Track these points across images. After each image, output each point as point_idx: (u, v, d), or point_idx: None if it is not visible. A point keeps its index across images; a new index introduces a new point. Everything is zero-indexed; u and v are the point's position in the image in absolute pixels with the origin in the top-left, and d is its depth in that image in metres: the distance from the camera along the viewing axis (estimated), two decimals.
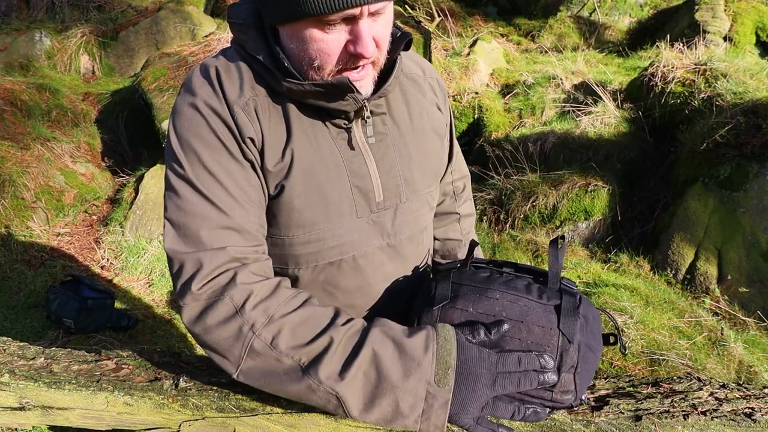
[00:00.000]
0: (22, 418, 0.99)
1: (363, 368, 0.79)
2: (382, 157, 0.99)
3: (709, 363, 2.62)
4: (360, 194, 0.97)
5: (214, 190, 0.87)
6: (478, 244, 1.05)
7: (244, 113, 0.89)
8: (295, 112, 0.93)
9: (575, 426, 0.84)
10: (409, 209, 1.04)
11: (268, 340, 0.81)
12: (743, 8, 6.26)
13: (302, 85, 0.87)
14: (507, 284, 0.90)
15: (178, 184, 0.88)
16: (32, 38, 6.01)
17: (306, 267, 0.99)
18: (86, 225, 4.04)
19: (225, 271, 0.84)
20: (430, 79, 1.13)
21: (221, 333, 0.82)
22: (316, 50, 0.85)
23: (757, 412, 0.84)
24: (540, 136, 4.62)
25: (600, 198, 3.97)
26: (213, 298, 0.83)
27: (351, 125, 0.96)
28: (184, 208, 0.87)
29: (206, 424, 0.92)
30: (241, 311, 0.82)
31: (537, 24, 8.39)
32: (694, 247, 3.51)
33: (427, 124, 1.08)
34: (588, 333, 0.87)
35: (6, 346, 1.10)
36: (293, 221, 0.94)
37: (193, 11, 6.34)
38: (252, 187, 0.90)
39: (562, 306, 0.86)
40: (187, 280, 0.84)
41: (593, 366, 0.88)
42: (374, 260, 1.01)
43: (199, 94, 0.89)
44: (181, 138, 0.89)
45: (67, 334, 2.92)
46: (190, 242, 0.85)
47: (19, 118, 4.51)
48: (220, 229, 0.86)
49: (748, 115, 3.54)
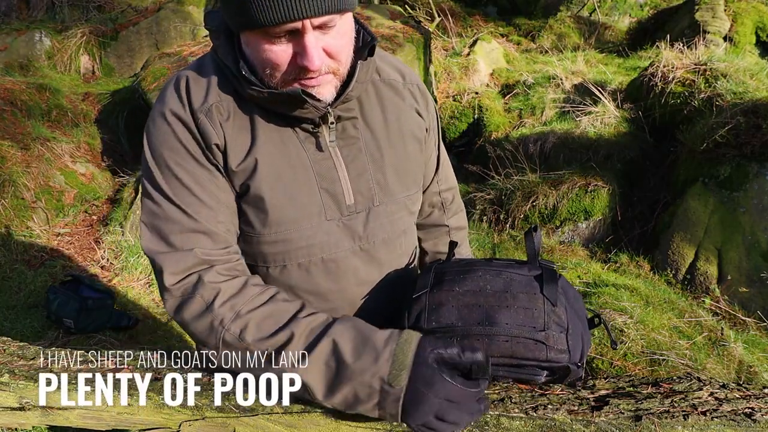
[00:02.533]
0: (22, 418, 0.99)
1: (323, 358, 0.84)
2: (353, 161, 1.00)
3: (709, 363, 2.62)
4: (329, 197, 0.99)
5: (183, 196, 0.92)
6: (457, 244, 1.06)
7: (206, 119, 0.92)
8: (262, 117, 0.95)
9: (575, 426, 0.84)
10: (383, 212, 1.05)
11: (236, 333, 0.88)
12: (743, 8, 6.26)
13: (263, 92, 0.90)
14: (488, 263, 0.95)
15: (151, 190, 0.95)
16: (32, 38, 6.01)
17: (274, 266, 1.01)
18: (86, 225, 4.04)
19: (193, 272, 0.91)
20: (410, 84, 1.12)
21: (197, 326, 0.91)
22: (266, 59, 0.87)
23: (757, 412, 0.84)
24: (540, 136, 4.62)
25: (600, 198, 3.97)
26: (186, 295, 0.90)
27: (318, 130, 0.97)
28: (156, 213, 0.93)
29: (206, 424, 0.92)
30: (211, 308, 0.89)
31: (537, 24, 8.40)
32: (694, 247, 3.52)
33: (405, 128, 1.08)
34: (570, 307, 0.91)
35: (6, 346, 1.10)
36: (260, 220, 0.97)
37: (193, 11, 6.34)
38: (220, 190, 0.95)
39: (543, 275, 0.91)
40: (162, 278, 0.92)
41: (582, 337, 0.91)
42: (346, 264, 1.02)
43: (168, 103, 0.94)
44: (152, 147, 0.95)
45: (67, 334, 2.92)
46: (162, 243, 0.93)
47: (19, 118, 4.51)
48: (189, 233, 0.92)
49: (748, 115, 3.54)
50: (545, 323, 0.87)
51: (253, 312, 0.89)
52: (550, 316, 0.87)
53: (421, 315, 0.91)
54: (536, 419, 0.85)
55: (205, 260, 0.91)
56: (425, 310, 0.91)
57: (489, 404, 0.86)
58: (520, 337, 0.86)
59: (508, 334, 0.86)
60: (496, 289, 0.90)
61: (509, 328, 0.87)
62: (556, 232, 4.08)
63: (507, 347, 0.87)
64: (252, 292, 0.92)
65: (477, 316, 0.89)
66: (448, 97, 5.81)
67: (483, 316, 0.88)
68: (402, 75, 1.12)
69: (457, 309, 0.90)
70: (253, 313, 0.89)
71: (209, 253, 0.92)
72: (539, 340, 0.86)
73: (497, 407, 0.87)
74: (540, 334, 0.86)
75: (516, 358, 0.87)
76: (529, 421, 0.85)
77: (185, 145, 0.93)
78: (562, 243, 4.04)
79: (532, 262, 0.95)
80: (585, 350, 0.92)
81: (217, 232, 0.94)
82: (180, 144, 0.93)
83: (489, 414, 0.86)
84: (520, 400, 0.89)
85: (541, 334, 0.86)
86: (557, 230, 4.08)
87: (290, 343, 0.86)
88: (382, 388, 0.81)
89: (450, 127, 5.68)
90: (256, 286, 0.94)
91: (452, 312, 0.90)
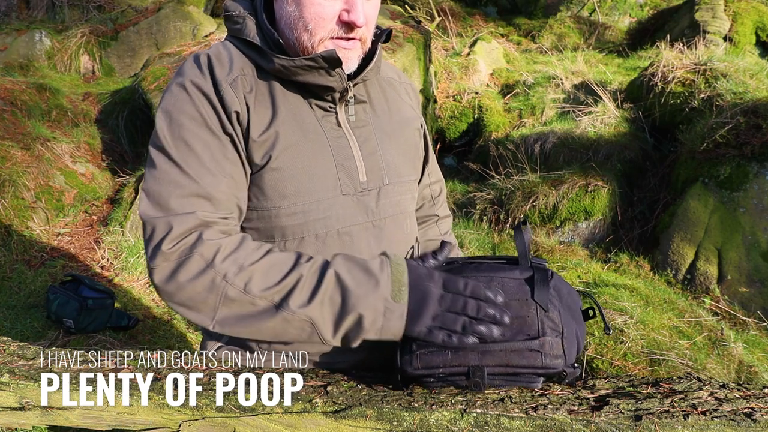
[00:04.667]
0: (22, 418, 0.99)
1: (329, 291, 0.89)
2: (365, 141, 1.06)
3: (709, 363, 2.62)
4: (344, 172, 1.02)
5: (188, 159, 0.93)
6: (449, 244, 1.07)
7: (231, 88, 0.95)
8: (282, 93, 1.00)
9: (575, 426, 0.84)
10: (392, 192, 1.09)
11: (240, 287, 0.88)
12: (743, 8, 6.26)
13: (293, 61, 0.94)
14: (478, 269, 0.94)
15: (156, 156, 0.95)
16: (32, 38, 6.01)
17: (293, 239, 1.02)
18: (86, 225, 4.04)
19: (193, 232, 0.91)
20: (404, 84, 1.23)
21: (194, 287, 0.89)
22: (312, 13, 0.93)
23: (757, 412, 0.84)
24: (540, 136, 4.62)
25: (600, 198, 3.97)
26: (183, 256, 0.89)
27: (336, 108, 1.03)
28: (158, 178, 0.93)
29: (206, 424, 0.92)
30: (212, 264, 0.88)
31: (537, 24, 8.40)
32: (694, 247, 3.52)
33: (405, 119, 1.16)
34: (565, 306, 0.91)
35: (6, 346, 1.10)
36: (279, 192, 0.99)
37: (194, 11, 6.34)
38: (227, 161, 0.96)
39: (534, 278, 0.90)
40: (158, 243, 0.90)
41: (578, 335, 0.91)
42: (359, 238, 1.05)
43: (187, 74, 0.97)
44: (165, 113, 0.96)
45: (67, 334, 2.92)
46: (161, 208, 0.92)
47: (19, 118, 4.51)
48: (191, 197, 0.92)
49: (748, 115, 3.54)
50: (539, 330, 0.86)
51: (256, 264, 0.90)
52: (545, 322, 0.87)
53: None
54: (536, 419, 0.85)
55: (205, 221, 0.92)
56: None
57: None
58: (515, 347, 0.86)
59: (503, 347, 0.86)
60: None
61: (503, 338, 0.86)
62: (556, 232, 4.09)
63: (502, 357, 0.86)
64: (251, 246, 0.93)
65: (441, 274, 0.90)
66: (448, 97, 5.81)
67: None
68: (397, 75, 1.24)
69: None
70: (257, 265, 0.90)
71: (210, 216, 0.93)
72: (534, 348, 0.86)
73: (497, 407, 0.87)
74: (535, 342, 0.86)
75: (512, 367, 0.87)
76: (529, 421, 0.85)
77: (202, 113, 0.95)
78: (562, 243, 4.04)
79: (523, 261, 0.94)
80: (580, 347, 0.92)
81: (219, 198, 0.94)
82: (197, 111, 0.95)
83: (489, 414, 0.86)
84: (520, 400, 0.89)
85: (536, 342, 0.86)
86: (557, 230, 4.08)
87: (299, 284, 0.89)
88: (386, 307, 0.87)
89: (450, 127, 5.68)
90: (252, 242, 0.96)
91: None
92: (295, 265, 0.91)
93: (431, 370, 0.88)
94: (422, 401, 0.90)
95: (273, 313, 0.88)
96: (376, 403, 0.90)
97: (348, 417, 0.87)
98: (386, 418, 0.87)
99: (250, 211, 1.01)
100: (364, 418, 0.86)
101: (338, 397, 0.92)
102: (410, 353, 0.89)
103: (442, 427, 0.85)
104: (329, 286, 0.89)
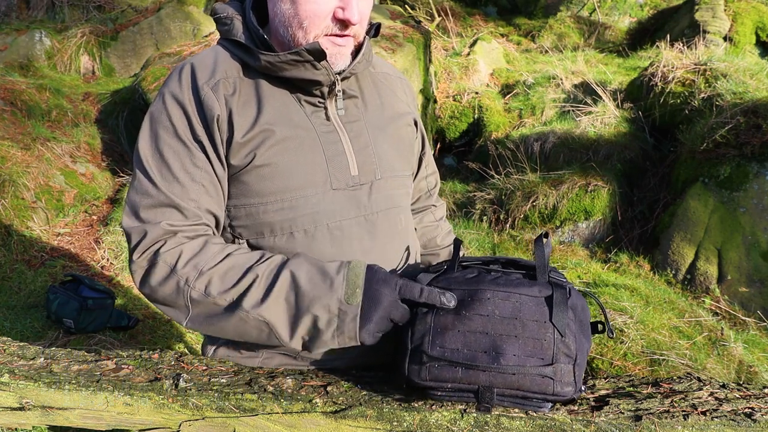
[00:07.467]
0: (22, 418, 0.99)
1: (284, 291, 0.91)
2: (357, 136, 1.06)
3: (709, 363, 2.62)
4: (335, 167, 1.03)
5: (161, 169, 0.97)
6: (462, 243, 1.06)
7: (212, 92, 0.97)
8: (270, 90, 1.01)
9: (575, 426, 0.84)
10: (384, 186, 1.09)
11: (201, 290, 0.92)
12: (743, 8, 6.26)
13: (278, 56, 0.95)
14: (496, 281, 0.91)
15: (136, 165, 1.00)
16: (32, 38, 6.01)
17: (281, 234, 1.02)
18: (86, 225, 4.04)
19: (158, 241, 0.96)
20: (398, 79, 1.24)
21: (164, 290, 0.95)
22: (307, 11, 0.94)
23: (757, 412, 0.84)
24: (540, 136, 4.62)
25: (600, 198, 3.97)
26: (150, 263, 0.95)
27: (325, 103, 1.03)
28: (135, 187, 0.98)
29: (206, 424, 0.92)
30: (175, 270, 0.93)
31: (537, 24, 8.40)
32: (694, 247, 3.52)
33: (398, 114, 1.16)
34: (578, 323, 0.89)
35: (6, 346, 1.10)
36: (265, 188, 1.00)
37: (194, 11, 6.34)
38: (197, 169, 0.98)
39: (553, 298, 0.88)
40: (131, 250, 0.96)
41: (586, 355, 0.90)
42: (351, 232, 1.04)
43: (168, 85, 1.01)
44: (146, 123, 1.01)
45: (67, 334, 2.91)
46: (135, 218, 0.97)
47: (19, 118, 4.51)
48: (158, 207, 0.96)
49: (748, 115, 3.54)
50: (554, 355, 0.84)
51: (215, 267, 0.93)
52: (560, 348, 0.85)
53: (425, 337, 0.88)
54: (536, 419, 0.85)
55: (171, 231, 0.96)
56: (429, 333, 0.88)
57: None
58: (527, 371, 0.84)
59: (516, 370, 0.84)
60: (505, 314, 0.87)
61: (517, 360, 0.84)
62: (556, 232, 4.09)
63: (513, 380, 0.84)
64: (213, 250, 0.96)
65: (484, 344, 0.85)
66: (448, 97, 5.81)
67: (490, 344, 0.85)
68: (392, 71, 1.25)
69: (463, 335, 0.87)
70: (215, 268, 0.93)
71: (176, 224, 0.96)
72: (547, 375, 0.83)
73: (497, 407, 0.87)
74: (548, 369, 0.83)
75: (522, 391, 0.84)
76: (529, 421, 0.85)
77: (174, 123, 0.97)
78: (562, 243, 4.04)
79: (541, 275, 0.91)
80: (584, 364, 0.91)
81: (187, 207, 0.97)
82: (170, 121, 0.97)
83: (489, 414, 0.86)
84: None
85: (549, 369, 0.83)
86: (557, 230, 4.08)
87: (254, 285, 0.91)
88: (339, 309, 0.89)
89: (450, 127, 5.68)
90: (216, 244, 0.98)
91: (458, 338, 0.87)
92: (252, 265, 0.94)
93: (440, 383, 0.86)
94: (422, 401, 0.90)
95: (231, 314, 0.91)
96: (376, 403, 0.90)
97: (348, 417, 0.87)
98: (386, 418, 0.87)
99: (237, 209, 1.02)
100: (364, 418, 0.86)
101: (338, 397, 0.92)
102: (420, 364, 0.87)
103: (442, 427, 0.85)
104: (283, 286, 0.91)
